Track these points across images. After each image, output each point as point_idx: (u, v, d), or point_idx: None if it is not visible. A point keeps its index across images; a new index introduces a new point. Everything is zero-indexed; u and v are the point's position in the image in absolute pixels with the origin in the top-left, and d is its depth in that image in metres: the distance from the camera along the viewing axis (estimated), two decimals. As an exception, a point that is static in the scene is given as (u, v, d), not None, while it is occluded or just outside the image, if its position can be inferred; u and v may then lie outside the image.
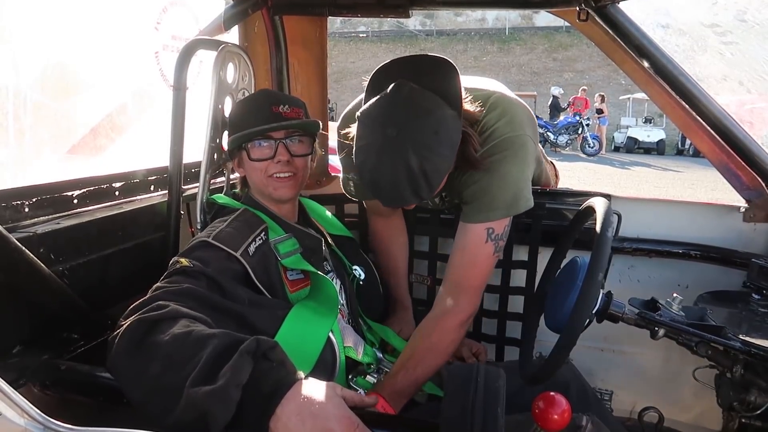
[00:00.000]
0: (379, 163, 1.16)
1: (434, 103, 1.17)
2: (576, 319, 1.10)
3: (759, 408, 1.26)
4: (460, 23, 28.86)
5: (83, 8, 1.55)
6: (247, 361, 0.82)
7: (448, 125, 1.18)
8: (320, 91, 2.21)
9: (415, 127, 1.14)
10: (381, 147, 1.15)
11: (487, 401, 0.83)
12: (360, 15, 1.88)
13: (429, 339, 1.42)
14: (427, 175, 1.15)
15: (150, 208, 1.56)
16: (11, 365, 1.10)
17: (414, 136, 1.13)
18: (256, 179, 1.40)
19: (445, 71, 1.26)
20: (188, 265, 1.11)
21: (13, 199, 1.23)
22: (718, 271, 1.76)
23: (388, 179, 1.16)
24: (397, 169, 1.14)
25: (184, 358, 0.85)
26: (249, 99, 1.49)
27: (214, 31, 1.70)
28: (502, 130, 1.37)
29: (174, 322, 0.92)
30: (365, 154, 1.19)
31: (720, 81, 1.64)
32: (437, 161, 1.16)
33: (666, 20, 1.67)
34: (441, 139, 1.16)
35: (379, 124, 1.15)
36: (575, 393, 1.40)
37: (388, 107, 1.17)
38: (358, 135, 1.21)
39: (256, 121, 1.36)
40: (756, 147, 1.54)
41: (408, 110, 1.15)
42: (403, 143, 1.13)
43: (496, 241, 1.41)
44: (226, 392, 0.79)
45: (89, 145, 1.63)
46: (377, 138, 1.15)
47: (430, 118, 1.16)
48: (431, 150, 1.14)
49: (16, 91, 1.39)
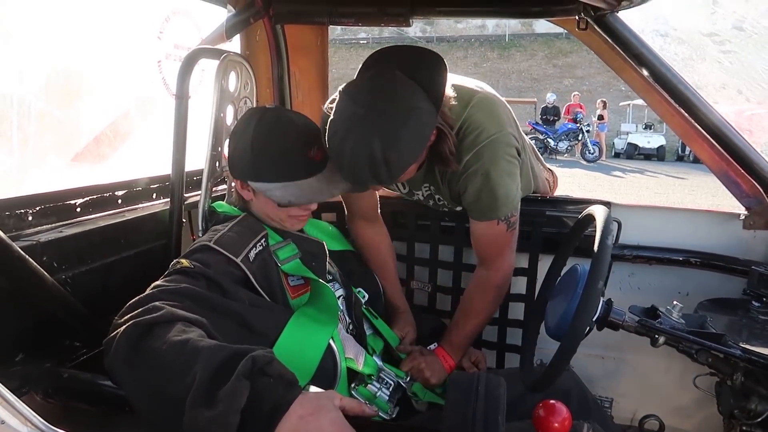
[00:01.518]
0: (345, 138, 1.17)
1: (412, 93, 1.19)
2: (576, 327, 1.11)
3: (759, 416, 1.26)
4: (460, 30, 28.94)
5: (87, 17, 1.57)
6: (244, 384, 0.82)
7: (420, 118, 1.19)
8: (321, 98, 2.22)
9: (385, 112, 1.15)
10: (349, 123, 1.16)
11: (487, 409, 0.83)
12: (361, 24, 1.89)
13: (472, 300, 1.64)
14: (389, 161, 1.17)
15: (152, 216, 1.57)
16: (14, 373, 1.11)
17: (380, 121, 1.14)
18: (272, 214, 1.37)
19: (433, 67, 1.27)
20: (189, 265, 1.11)
21: (17, 207, 1.24)
22: (719, 279, 1.77)
23: (350, 157, 1.18)
24: (359, 149, 1.16)
25: (182, 370, 0.85)
26: (279, 138, 1.32)
27: (216, 40, 1.72)
28: (489, 131, 1.42)
29: (169, 326, 0.92)
30: (334, 128, 1.20)
31: (719, 89, 1.65)
32: (402, 151, 1.17)
33: (665, 29, 1.69)
34: (409, 129, 1.17)
35: (351, 101, 1.17)
36: (576, 400, 1.40)
37: (364, 87, 1.19)
38: (334, 108, 1.22)
39: (297, 171, 1.31)
40: (755, 155, 1.55)
41: (382, 94, 1.17)
42: (369, 124, 1.14)
43: (507, 221, 1.51)
44: (225, 419, 0.79)
45: (93, 153, 1.64)
46: (347, 114, 1.17)
47: (403, 107, 1.17)
48: (397, 138, 1.15)
49: (20, 100, 1.39)
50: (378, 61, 1.28)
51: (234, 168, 1.36)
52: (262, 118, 1.32)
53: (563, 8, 1.65)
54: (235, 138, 1.36)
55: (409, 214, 1.96)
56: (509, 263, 1.62)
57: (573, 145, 16.67)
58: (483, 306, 1.64)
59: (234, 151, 1.36)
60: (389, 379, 1.42)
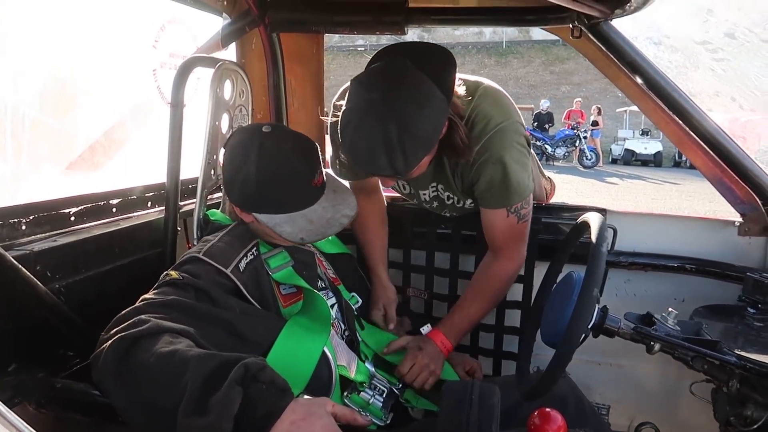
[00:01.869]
0: (360, 126, 1.18)
1: (424, 82, 1.19)
2: (572, 334, 1.10)
3: (755, 422, 1.25)
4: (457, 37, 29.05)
5: (82, 26, 1.57)
6: (236, 391, 0.82)
7: (434, 105, 1.20)
8: (317, 106, 2.22)
9: (401, 96, 1.16)
10: (364, 110, 1.17)
11: (481, 418, 0.83)
12: (356, 32, 1.90)
13: (478, 284, 1.64)
14: (405, 148, 1.17)
15: (147, 225, 1.57)
16: (7, 383, 1.10)
17: (398, 104, 1.15)
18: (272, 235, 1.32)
19: (443, 60, 1.29)
20: (177, 277, 1.11)
21: (10, 216, 1.23)
22: (714, 285, 1.77)
23: (366, 144, 1.18)
24: (375, 134, 1.16)
25: (171, 381, 0.85)
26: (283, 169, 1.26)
27: (211, 49, 1.72)
28: (497, 119, 1.43)
29: (156, 338, 0.92)
30: (349, 116, 1.20)
31: (712, 97, 1.66)
32: (418, 136, 1.18)
33: (658, 37, 1.70)
34: (425, 115, 1.18)
35: (366, 88, 1.18)
36: (572, 407, 1.39)
37: (378, 74, 1.20)
38: (347, 99, 1.23)
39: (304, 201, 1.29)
40: (749, 162, 1.56)
41: (397, 80, 1.18)
42: (385, 110, 1.15)
43: (517, 213, 1.52)
44: (218, 426, 0.79)
45: (87, 162, 1.64)
46: (362, 101, 1.18)
47: (419, 93, 1.18)
48: (414, 123, 1.16)
49: (14, 108, 1.39)
50: (388, 54, 1.29)
51: (233, 195, 1.31)
52: (262, 146, 1.25)
53: (557, 16, 1.66)
54: (233, 164, 1.29)
55: (406, 221, 1.96)
56: (520, 255, 1.63)
57: (570, 151, 16.72)
58: (488, 292, 1.64)
59: (233, 177, 1.28)
60: (382, 386, 1.42)
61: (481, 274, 1.67)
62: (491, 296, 1.65)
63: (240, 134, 1.33)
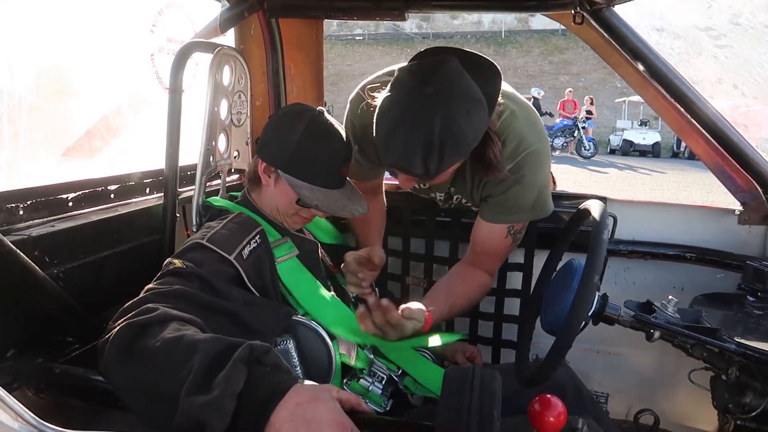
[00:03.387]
0: (404, 116, 1.15)
1: (475, 89, 1.17)
2: (572, 322, 1.10)
3: (754, 410, 1.26)
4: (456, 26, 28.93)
5: (79, 10, 1.55)
6: (240, 369, 0.82)
7: (480, 114, 1.18)
8: (316, 93, 2.21)
9: (453, 96, 1.13)
10: (412, 101, 1.13)
11: (482, 404, 0.83)
12: (355, 18, 1.88)
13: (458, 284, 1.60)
14: (444, 148, 1.14)
15: (145, 211, 1.56)
16: (5, 368, 1.10)
17: (448, 103, 1.12)
18: (282, 207, 1.40)
19: (491, 74, 1.26)
20: (181, 266, 1.10)
21: (8, 202, 1.22)
22: (714, 274, 1.77)
23: (406, 136, 1.15)
24: (417, 129, 1.13)
25: (177, 364, 0.85)
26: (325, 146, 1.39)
27: (210, 34, 1.70)
28: (529, 141, 1.41)
29: (163, 325, 0.91)
30: (391, 104, 1.17)
31: (714, 84, 1.64)
32: (459, 140, 1.15)
33: (661, 23, 1.68)
34: (470, 120, 1.16)
35: (417, 80, 1.14)
36: (571, 395, 1.39)
37: (433, 68, 1.16)
38: (391, 86, 1.19)
39: (328, 181, 1.38)
40: (750, 150, 1.55)
41: (451, 79, 1.14)
42: (435, 105, 1.11)
43: (514, 235, 1.53)
44: (221, 403, 0.79)
45: (84, 148, 1.62)
46: (411, 92, 1.14)
47: (470, 98, 1.15)
48: (457, 124, 1.13)
49: (10, 93, 1.38)
50: (438, 53, 1.25)
51: (267, 152, 1.39)
52: (315, 119, 1.37)
53: (559, 2, 1.64)
54: (277, 127, 1.40)
55: (405, 209, 1.96)
56: (495, 270, 1.67)
57: (569, 141, 16.69)
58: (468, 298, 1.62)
59: (274, 137, 1.39)
60: (381, 373, 1.42)
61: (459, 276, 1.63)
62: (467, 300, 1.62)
63: (296, 106, 1.48)
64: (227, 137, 1.63)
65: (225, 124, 1.60)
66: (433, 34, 28.73)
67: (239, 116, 1.66)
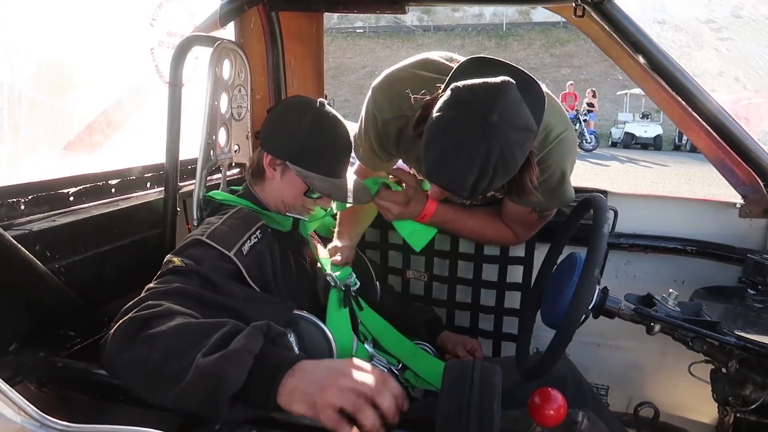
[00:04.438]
0: (464, 140, 1.12)
1: (530, 117, 1.16)
2: (572, 315, 1.11)
3: (754, 403, 1.26)
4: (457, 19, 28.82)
5: (78, 4, 1.54)
6: (259, 334, 0.86)
7: (530, 142, 1.18)
8: (317, 87, 2.21)
9: (514, 126, 1.12)
10: (475, 126, 1.11)
11: (483, 397, 0.83)
12: (356, 11, 1.87)
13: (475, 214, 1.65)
14: (495, 176, 1.14)
15: (146, 205, 1.56)
16: (8, 363, 1.10)
17: (509, 133, 1.11)
18: (289, 199, 1.41)
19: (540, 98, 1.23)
20: (180, 264, 1.10)
21: (9, 196, 1.23)
22: (714, 267, 1.77)
23: (463, 159, 1.13)
24: (477, 153, 1.11)
25: (188, 346, 0.87)
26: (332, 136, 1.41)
27: (209, 28, 1.70)
28: (558, 129, 1.39)
29: (168, 317, 0.93)
30: (450, 125, 1.14)
31: (716, 77, 1.64)
32: (509, 168, 1.15)
33: (662, 16, 1.67)
34: (523, 151, 1.16)
35: (485, 106, 1.11)
36: (571, 388, 1.40)
37: (496, 93, 1.12)
38: (448, 104, 1.16)
39: (335, 171, 1.41)
40: (752, 143, 1.55)
41: (515, 108, 1.13)
42: (497, 134, 1.10)
43: (541, 213, 1.54)
44: (239, 355, 0.82)
45: (85, 142, 1.62)
46: (475, 116, 1.11)
47: (525, 128, 1.14)
48: (512, 155, 1.13)
49: (10, 88, 1.38)
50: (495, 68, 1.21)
51: (273, 145, 1.40)
52: (320, 111, 1.39)
53: (560, -6, 1.64)
54: (282, 119, 1.41)
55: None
56: (526, 236, 1.68)
57: (570, 134, 16.63)
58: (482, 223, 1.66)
59: (279, 129, 1.40)
60: (381, 366, 1.43)
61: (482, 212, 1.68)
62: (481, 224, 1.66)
63: (297, 99, 1.50)
64: (227, 131, 1.63)
65: (225, 118, 1.59)
66: (434, 26, 28.63)
67: (239, 110, 1.66)
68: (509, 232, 1.66)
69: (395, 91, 1.41)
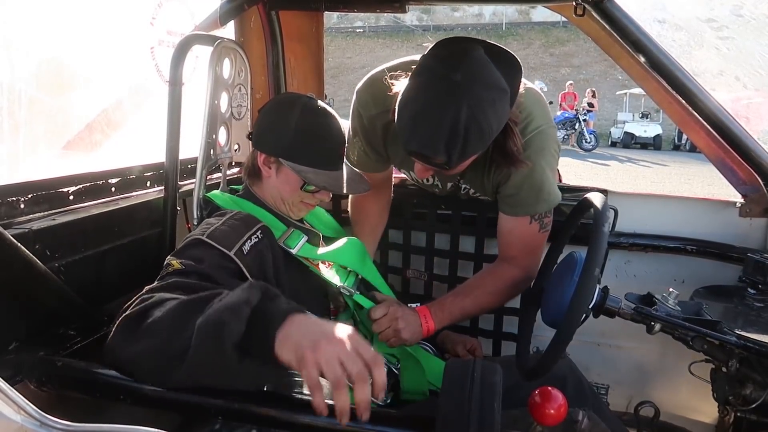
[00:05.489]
0: (431, 102, 1.12)
1: (501, 79, 1.16)
2: (572, 314, 1.11)
3: (754, 402, 1.26)
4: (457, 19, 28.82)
5: (79, 3, 1.54)
6: (256, 289, 0.88)
7: (505, 102, 1.17)
8: (317, 86, 2.21)
9: (481, 84, 1.11)
10: (440, 88, 1.12)
11: (483, 396, 0.83)
12: (356, 10, 1.87)
13: (483, 278, 1.60)
14: (468, 136, 1.13)
15: (146, 204, 1.56)
16: (7, 362, 1.10)
17: (476, 91, 1.11)
18: (287, 195, 1.41)
19: (514, 66, 1.23)
20: (179, 267, 1.10)
21: (8, 195, 1.22)
22: (714, 266, 1.77)
23: (431, 122, 1.13)
24: (445, 114, 1.11)
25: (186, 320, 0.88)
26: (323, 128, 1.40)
27: (209, 27, 1.70)
28: (538, 122, 1.39)
29: (162, 304, 0.94)
30: (417, 90, 1.15)
31: (716, 76, 1.64)
32: (483, 127, 1.13)
33: (662, 15, 1.67)
34: (496, 110, 1.15)
35: (447, 67, 1.12)
36: (572, 387, 1.40)
37: (460, 55, 1.13)
38: (416, 73, 1.17)
39: (330, 162, 1.40)
40: (752, 142, 1.55)
41: (480, 67, 1.13)
42: (464, 92, 1.10)
43: (540, 221, 1.48)
44: (238, 306, 0.84)
45: (85, 141, 1.62)
46: (439, 78, 1.12)
47: (494, 86, 1.14)
48: (484, 113, 1.12)
49: (10, 87, 1.37)
50: (463, 42, 1.22)
51: (265, 143, 1.40)
52: (308, 105, 1.38)
53: (561, -7, 1.64)
54: (272, 117, 1.40)
55: (406, 202, 1.95)
56: (534, 265, 1.54)
57: (570, 134, 16.66)
58: (489, 288, 1.55)
59: (270, 128, 1.39)
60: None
61: (487, 271, 1.60)
62: (491, 294, 1.55)
63: (284, 96, 1.50)
64: (228, 130, 1.62)
65: (225, 117, 1.59)
66: (433, 26, 28.61)
67: (239, 109, 1.66)
68: (517, 272, 1.55)
69: (378, 87, 1.41)
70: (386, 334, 1.42)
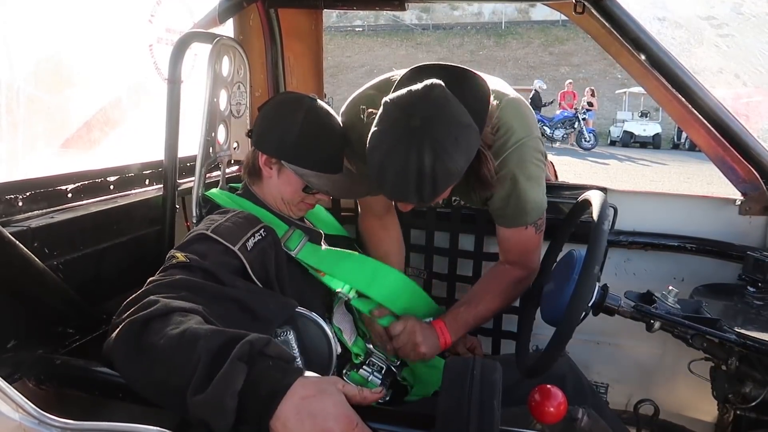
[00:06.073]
0: (393, 150, 1.14)
1: (463, 113, 1.15)
2: (572, 313, 1.10)
3: (754, 400, 1.26)
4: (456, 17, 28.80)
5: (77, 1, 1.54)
6: (239, 368, 0.82)
7: (469, 136, 1.17)
8: (316, 85, 2.20)
9: (440, 125, 1.12)
10: (400, 135, 1.13)
11: (483, 394, 0.83)
12: (355, 8, 1.87)
13: (489, 283, 1.59)
14: (436, 177, 1.14)
15: (145, 203, 1.56)
16: (6, 360, 1.10)
17: (436, 133, 1.11)
18: (288, 196, 1.41)
19: (478, 89, 1.24)
20: (184, 259, 1.10)
21: (7, 193, 1.22)
22: (714, 264, 1.77)
23: (397, 169, 1.14)
24: (408, 161, 1.12)
25: (182, 360, 0.85)
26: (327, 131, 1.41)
27: (208, 24, 1.70)
28: (519, 135, 1.37)
29: (166, 318, 0.91)
30: (380, 139, 1.16)
31: (716, 74, 1.63)
32: (450, 166, 1.14)
33: (662, 13, 1.67)
34: (460, 146, 1.15)
35: (405, 113, 1.13)
36: (571, 386, 1.40)
37: (417, 99, 1.14)
38: (379, 119, 1.18)
39: (331, 167, 1.40)
40: (752, 140, 1.54)
41: (437, 108, 1.13)
42: (423, 137, 1.11)
43: (534, 223, 1.48)
44: (220, 402, 0.79)
45: (83, 139, 1.62)
46: (398, 125, 1.13)
47: (458, 125, 1.14)
48: (447, 153, 1.12)
49: (8, 84, 1.37)
50: (424, 73, 1.22)
51: (266, 144, 1.39)
52: (313, 107, 1.39)
53: (560, -9, 1.64)
54: (274, 118, 1.39)
55: (405, 200, 1.95)
56: (534, 263, 1.57)
57: (569, 133, 16.66)
58: (497, 290, 1.56)
59: (271, 128, 1.39)
60: (380, 363, 1.43)
61: (491, 275, 1.61)
62: (500, 296, 1.56)
63: (287, 95, 1.48)
64: (227, 128, 1.62)
65: (224, 115, 1.59)
66: (432, 25, 28.60)
67: (238, 107, 1.66)
68: (520, 271, 1.56)
69: (355, 112, 1.44)
70: (405, 350, 1.43)
